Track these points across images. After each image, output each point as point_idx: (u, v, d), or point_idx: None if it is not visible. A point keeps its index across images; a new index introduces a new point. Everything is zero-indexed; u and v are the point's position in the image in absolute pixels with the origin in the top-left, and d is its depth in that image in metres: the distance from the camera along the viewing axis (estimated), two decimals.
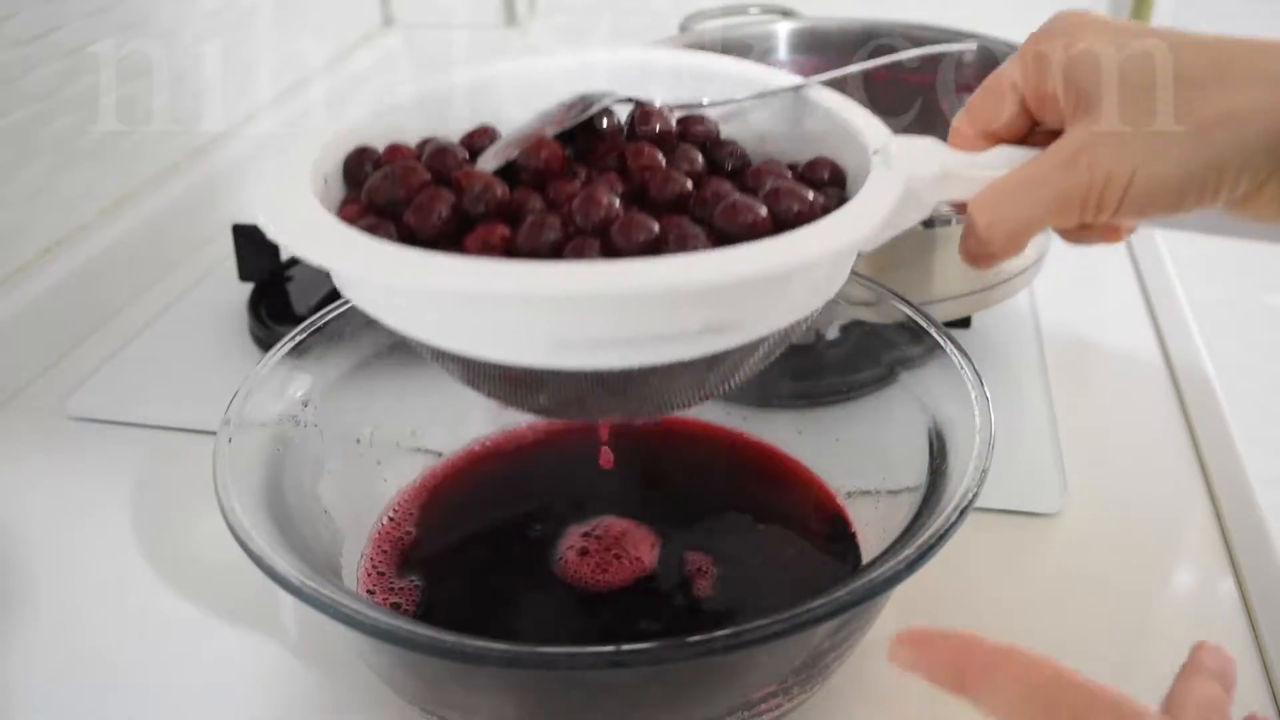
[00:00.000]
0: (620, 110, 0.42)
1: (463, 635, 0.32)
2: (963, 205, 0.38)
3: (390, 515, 0.49)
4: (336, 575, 0.43)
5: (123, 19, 0.73)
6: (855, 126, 0.40)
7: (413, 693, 0.40)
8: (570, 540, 0.47)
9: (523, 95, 0.43)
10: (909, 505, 0.42)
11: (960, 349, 0.44)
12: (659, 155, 0.39)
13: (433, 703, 0.40)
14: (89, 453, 0.59)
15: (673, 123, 0.41)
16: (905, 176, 0.37)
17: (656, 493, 0.51)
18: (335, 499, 0.46)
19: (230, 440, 0.41)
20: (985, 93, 0.40)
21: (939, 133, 0.41)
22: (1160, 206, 0.35)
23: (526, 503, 0.51)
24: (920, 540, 0.36)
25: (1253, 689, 0.44)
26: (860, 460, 0.49)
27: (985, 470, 0.38)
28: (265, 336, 0.66)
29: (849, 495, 0.49)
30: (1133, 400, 0.63)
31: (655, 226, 0.34)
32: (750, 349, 0.36)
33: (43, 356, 0.66)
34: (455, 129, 0.42)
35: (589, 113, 0.40)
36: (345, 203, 0.38)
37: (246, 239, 0.71)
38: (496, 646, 0.32)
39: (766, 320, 0.35)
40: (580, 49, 0.45)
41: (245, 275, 0.71)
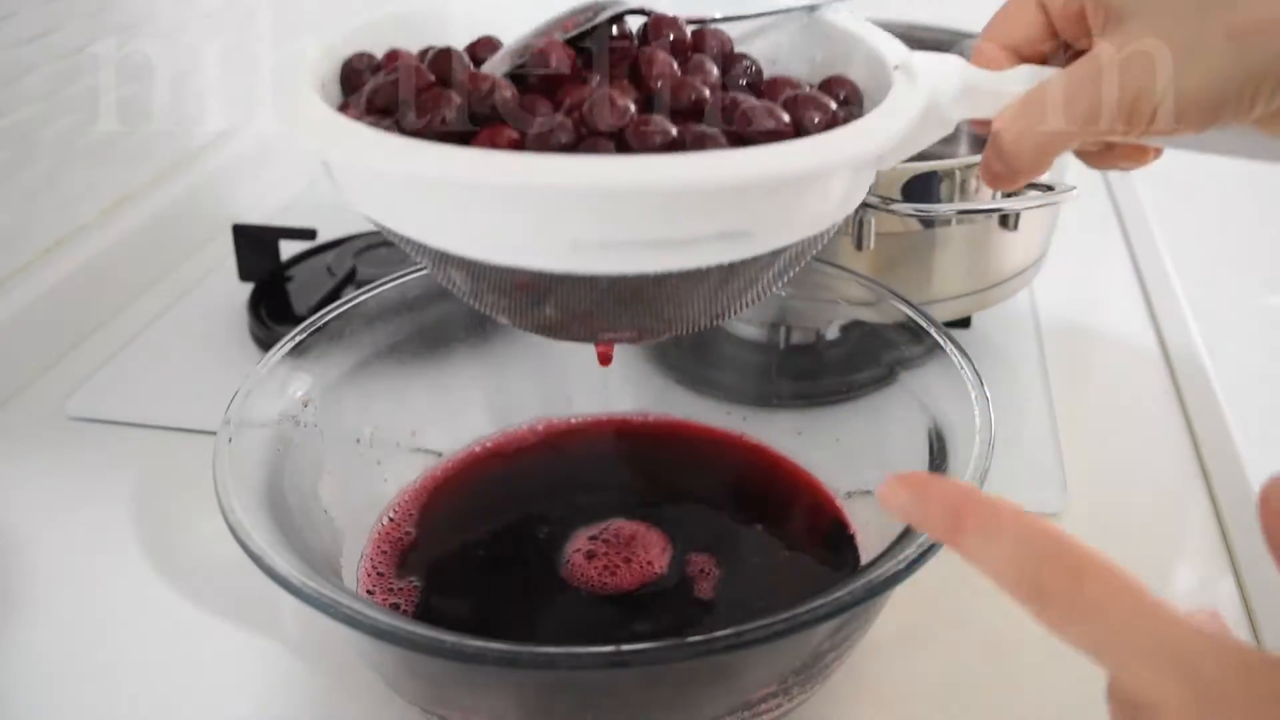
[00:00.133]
0: (633, 24, 0.40)
1: (462, 635, 0.33)
2: (986, 124, 0.37)
3: (390, 516, 0.49)
4: (336, 575, 0.43)
5: (123, 19, 0.73)
6: (874, 45, 0.39)
7: (413, 693, 0.40)
8: (577, 543, 0.47)
9: (524, 11, 0.40)
10: None
11: (960, 349, 0.44)
12: (674, 63, 0.37)
13: (433, 702, 0.40)
14: (89, 453, 0.59)
15: (687, 32, 0.40)
16: (928, 90, 0.36)
17: (656, 494, 0.51)
18: (335, 499, 0.46)
19: (230, 440, 0.41)
20: (1010, 7, 0.39)
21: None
22: (1194, 120, 0.33)
23: (527, 504, 0.50)
24: (920, 540, 0.36)
25: None
26: (860, 460, 0.49)
27: (985, 470, 0.38)
28: (265, 336, 0.66)
29: (849, 495, 0.49)
30: (1133, 400, 0.63)
31: (673, 129, 0.32)
32: (765, 263, 0.35)
33: (43, 356, 0.66)
34: (455, 43, 0.40)
35: (599, 18, 0.38)
36: (341, 108, 0.36)
37: (246, 239, 0.71)
38: (496, 646, 0.32)
39: (783, 230, 0.34)
40: None
41: (245, 275, 0.71)
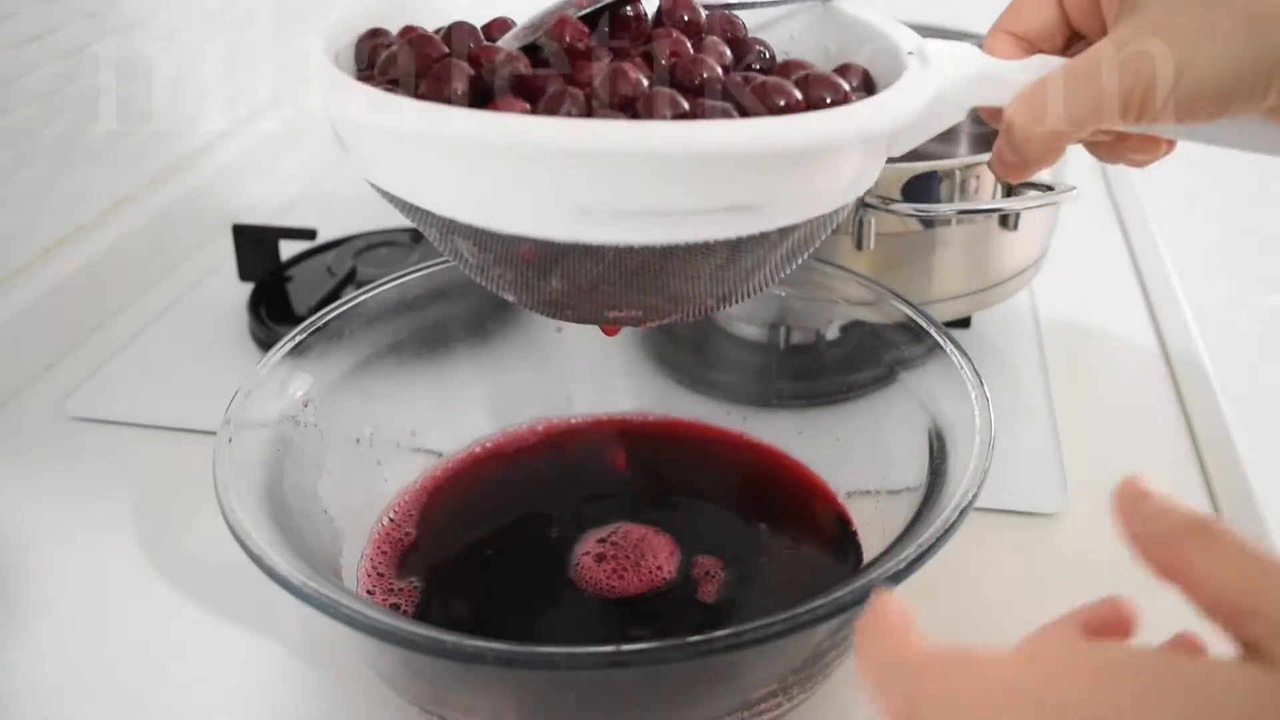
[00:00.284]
0: (647, 4, 0.40)
1: (463, 635, 0.33)
2: (997, 113, 0.37)
3: (390, 516, 0.49)
4: (336, 576, 0.43)
5: (123, 19, 0.73)
6: (888, 33, 0.39)
7: (413, 693, 0.40)
8: (586, 545, 0.47)
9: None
10: (909, 505, 0.42)
11: (960, 349, 0.44)
12: (687, 43, 0.37)
13: (433, 702, 0.40)
14: (89, 453, 0.59)
15: (701, 14, 0.40)
16: (942, 75, 0.36)
17: (659, 495, 0.51)
18: (335, 499, 0.46)
19: (230, 440, 0.41)
20: None
21: None
22: (1206, 109, 0.33)
23: (528, 504, 0.50)
24: (920, 540, 0.36)
25: None
26: (860, 460, 0.49)
27: (985, 470, 0.38)
28: (265, 336, 0.66)
29: (849, 495, 0.49)
30: (1133, 400, 0.63)
31: (684, 103, 0.32)
32: (773, 243, 0.35)
33: (43, 356, 0.66)
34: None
35: None
36: (358, 77, 0.36)
37: (246, 239, 0.71)
38: (495, 646, 0.32)
39: (792, 207, 0.34)
40: None
41: (245, 275, 0.71)
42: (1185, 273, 0.71)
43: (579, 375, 0.55)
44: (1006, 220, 0.56)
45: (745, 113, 0.33)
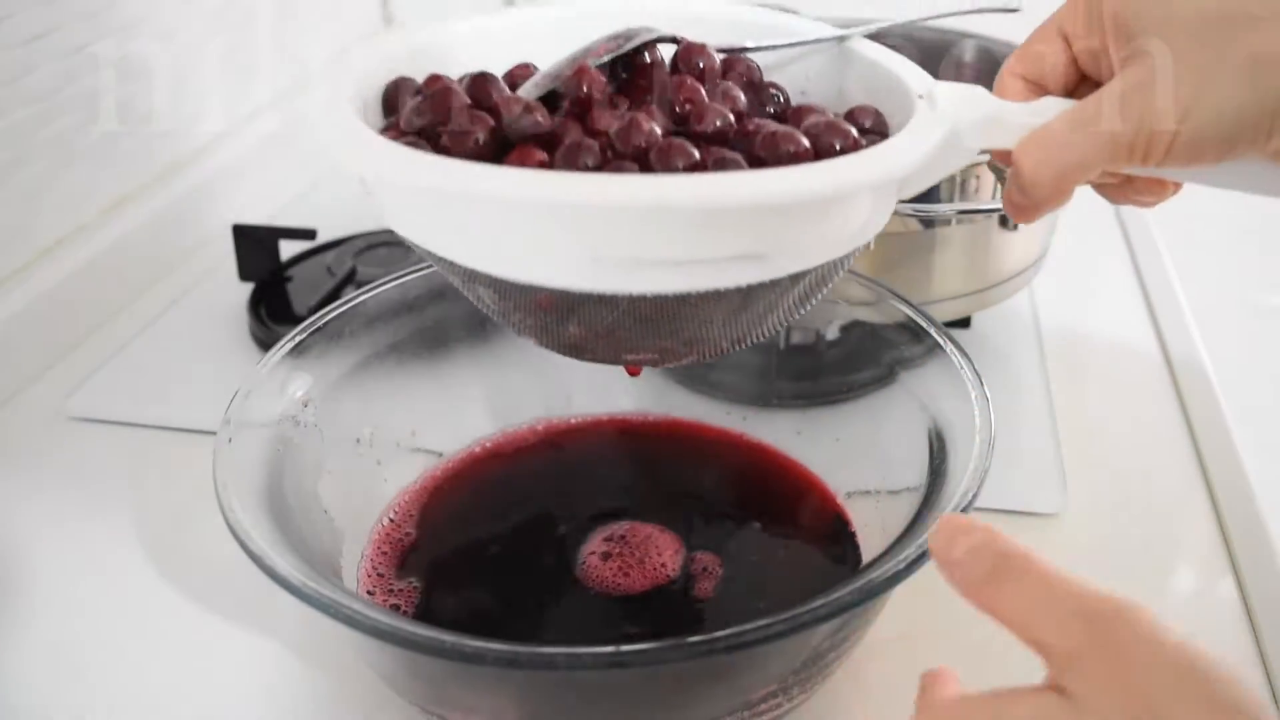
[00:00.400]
0: (664, 52, 0.41)
1: (463, 635, 0.33)
2: (1006, 155, 0.37)
3: (390, 516, 0.49)
4: (336, 576, 0.43)
5: (123, 19, 0.73)
6: (900, 75, 0.39)
7: (413, 693, 0.40)
8: (592, 544, 0.47)
9: (561, 40, 0.41)
10: (909, 505, 0.42)
11: (960, 349, 0.44)
12: (701, 90, 0.38)
13: (433, 702, 0.40)
14: (89, 453, 0.59)
15: (716, 61, 0.40)
16: (950, 118, 0.36)
17: (656, 494, 0.51)
18: (335, 499, 0.46)
19: (230, 440, 0.41)
20: (1033, 41, 0.39)
21: None
22: (1210, 152, 0.34)
23: (528, 504, 0.50)
24: (920, 540, 0.36)
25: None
26: (860, 460, 0.49)
27: (985, 470, 0.38)
28: (265, 336, 0.66)
29: (849, 495, 0.49)
30: (1132, 400, 0.63)
31: (696, 153, 0.33)
32: (784, 288, 0.35)
33: (43, 356, 0.66)
34: (494, 68, 0.41)
35: (630, 45, 0.39)
36: (383, 130, 0.38)
37: (246, 239, 0.71)
38: (496, 646, 0.32)
39: (801, 254, 0.34)
40: None
41: (245, 275, 0.71)
42: (1185, 272, 0.71)
43: (579, 375, 0.55)
44: (1006, 220, 0.56)
45: (756, 161, 0.34)
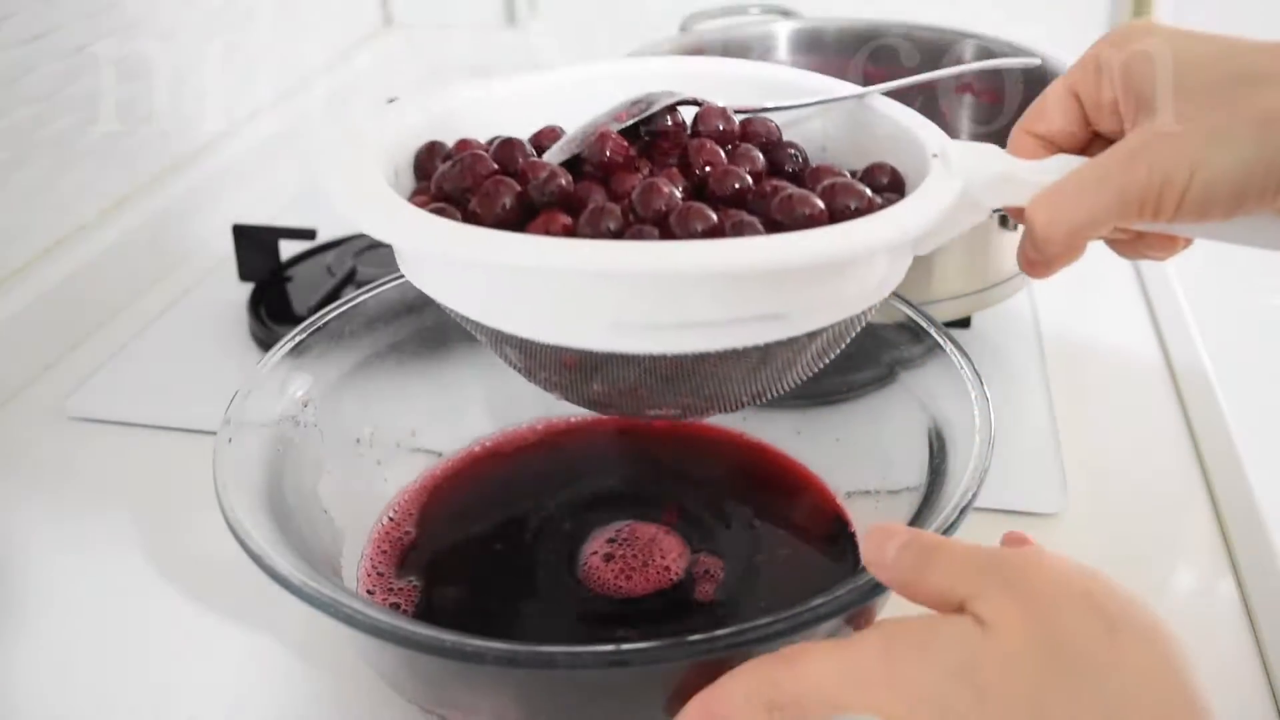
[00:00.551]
0: (685, 113, 0.42)
1: (463, 634, 0.33)
2: (1019, 212, 0.38)
3: (390, 515, 0.49)
4: (336, 575, 0.43)
5: (123, 19, 0.73)
6: (916, 133, 0.40)
7: (414, 692, 0.40)
8: (594, 545, 0.47)
9: (586, 101, 0.43)
10: (909, 505, 0.42)
11: (960, 349, 0.44)
12: (720, 152, 0.39)
13: (434, 702, 0.40)
14: (89, 453, 0.59)
15: (735, 123, 0.41)
16: (964, 177, 0.37)
17: (655, 494, 0.51)
18: (335, 499, 0.46)
19: (230, 440, 0.41)
20: (1046, 99, 0.40)
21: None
22: (1218, 208, 0.34)
23: (527, 503, 0.50)
24: None
25: (1253, 689, 0.44)
26: (860, 460, 0.49)
27: (985, 469, 0.38)
28: (265, 336, 0.66)
29: (849, 495, 0.49)
30: (1132, 400, 0.63)
31: (714, 216, 0.34)
32: (802, 345, 0.36)
33: (43, 356, 0.66)
34: (522, 130, 0.43)
35: (652, 109, 0.40)
36: (415, 194, 0.39)
37: (246, 239, 0.71)
38: (496, 645, 0.32)
39: (818, 312, 0.35)
40: (643, 59, 0.46)
41: (245, 275, 0.71)
42: (1184, 271, 0.71)
43: None
44: (1006, 220, 0.56)
45: (773, 224, 0.35)
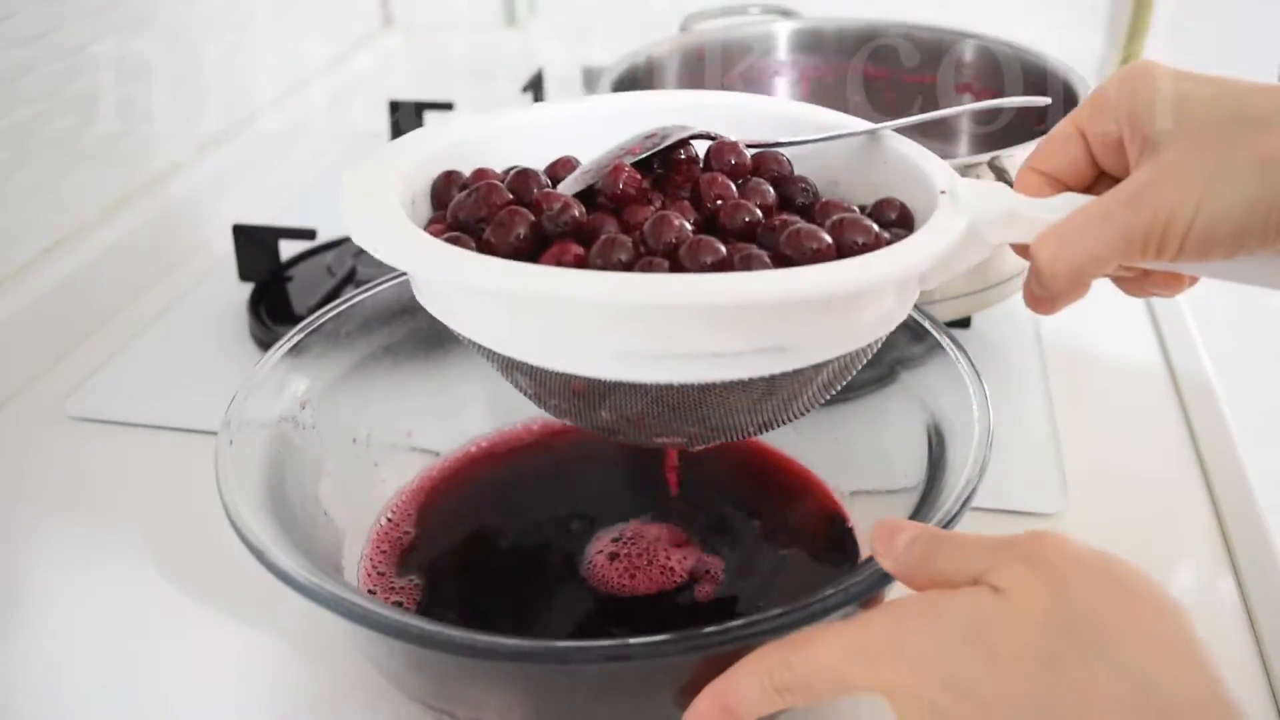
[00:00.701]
0: (698, 146, 0.43)
1: (471, 631, 0.33)
2: (1025, 249, 0.38)
3: (389, 515, 0.49)
4: (338, 574, 0.43)
5: (123, 19, 0.73)
6: (925, 169, 0.41)
7: (419, 689, 0.40)
8: (599, 544, 0.47)
9: (607, 129, 0.44)
10: (908, 504, 0.42)
11: (960, 349, 0.44)
12: (732, 186, 0.40)
13: (440, 699, 0.40)
14: (89, 453, 0.59)
15: (747, 157, 0.42)
16: (970, 214, 0.37)
17: (653, 494, 0.51)
18: (335, 500, 0.46)
19: (231, 442, 0.41)
20: (1052, 138, 0.40)
21: (936, 132, 0.41)
22: (1221, 247, 0.35)
23: (525, 502, 0.50)
24: None
25: (1253, 689, 0.44)
26: (860, 460, 0.49)
27: (985, 460, 0.39)
28: (265, 336, 0.66)
29: (849, 495, 0.49)
30: (1132, 400, 0.63)
31: (723, 249, 0.35)
32: (807, 377, 0.37)
33: (43, 356, 0.66)
34: (540, 159, 0.43)
35: (665, 143, 0.41)
36: (431, 222, 0.40)
37: (246, 239, 0.71)
38: (506, 641, 0.32)
39: (823, 345, 0.36)
40: (662, 93, 0.47)
41: (245, 275, 0.71)
42: None
43: None
44: None
45: (781, 258, 0.36)
